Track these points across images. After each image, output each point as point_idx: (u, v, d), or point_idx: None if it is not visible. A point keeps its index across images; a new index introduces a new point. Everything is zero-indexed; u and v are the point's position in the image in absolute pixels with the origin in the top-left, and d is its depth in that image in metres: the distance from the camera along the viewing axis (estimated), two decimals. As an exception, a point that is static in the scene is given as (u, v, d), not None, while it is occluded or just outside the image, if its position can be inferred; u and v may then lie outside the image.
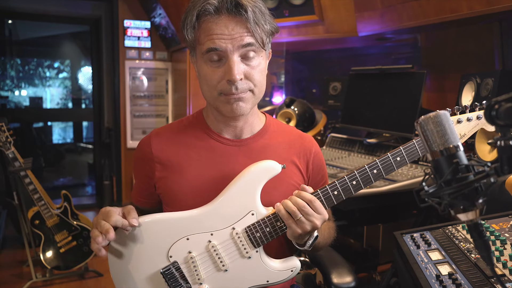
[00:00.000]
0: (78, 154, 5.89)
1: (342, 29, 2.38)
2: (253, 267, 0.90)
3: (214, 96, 0.95)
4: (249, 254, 0.90)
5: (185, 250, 0.89)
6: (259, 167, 0.92)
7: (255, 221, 0.91)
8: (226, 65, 0.91)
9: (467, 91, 1.77)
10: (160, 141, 1.04)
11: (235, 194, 0.91)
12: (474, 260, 0.87)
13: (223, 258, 0.90)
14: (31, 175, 2.48)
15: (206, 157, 1.01)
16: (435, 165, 0.70)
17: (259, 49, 0.94)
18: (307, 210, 0.88)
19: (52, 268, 2.52)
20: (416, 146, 0.95)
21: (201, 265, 0.90)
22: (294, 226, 0.89)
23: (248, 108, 0.96)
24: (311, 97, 3.22)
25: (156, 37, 3.92)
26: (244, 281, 0.91)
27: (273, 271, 0.92)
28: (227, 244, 0.90)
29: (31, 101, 5.65)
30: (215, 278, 0.90)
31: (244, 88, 0.93)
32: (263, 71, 0.97)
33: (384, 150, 2.07)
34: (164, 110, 4.04)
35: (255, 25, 0.91)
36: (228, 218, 0.90)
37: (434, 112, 0.69)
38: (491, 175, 0.62)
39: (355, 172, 0.93)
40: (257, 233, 0.90)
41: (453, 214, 0.67)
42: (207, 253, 0.90)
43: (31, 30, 5.18)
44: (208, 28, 0.91)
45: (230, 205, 0.90)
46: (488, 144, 1.46)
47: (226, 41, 0.90)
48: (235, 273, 0.90)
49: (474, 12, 1.64)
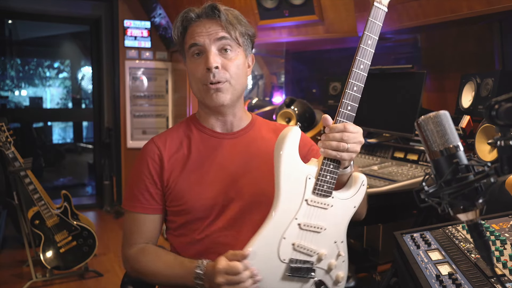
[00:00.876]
0: (78, 154, 5.91)
1: (342, 29, 2.38)
2: (339, 208, 0.98)
3: (200, 88, 1.06)
4: (330, 204, 0.97)
5: (289, 246, 0.95)
6: (285, 140, 0.95)
7: (315, 181, 0.96)
8: (204, 56, 1.05)
9: (467, 91, 1.77)
10: (163, 141, 1.11)
11: (286, 173, 0.94)
12: (474, 260, 0.87)
13: (317, 224, 0.97)
14: (31, 175, 2.48)
15: (204, 151, 1.10)
16: (435, 165, 0.70)
17: (234, 44, 1.06)
18: (348, 136, 0.93)
19: (52, 268, 2.51)
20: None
21: (308, 243, 0.96)
22: (346, 155, 0.94)
23: (227, 98, 1.05)
24: (311, 97, 3.20)
25: (156, 37, 3.93)
26: (342, 223, 1.00)
27: (353, 198, 1.00)
28: (311, 213, 0.96)
29: (31, 101, 5.67)
30: (323, 239, 0.98)
31: (221, 77, 1.03)
32: (241, 66, 1.07)
33: (384, 150, 2.06)
34: (164, 110, 4.05)
35: (228, 23, 1.05)
36: (296, 196, 0.95)
37: (434, 112, 0.69)
38: (491, 175, 0.62)
39: (350, 81, 0.97)
40: (324, 187, 0.96)
41: (453, 214, 0.67)
42: (304, 232, 0.96)
43: (31, 30, 5.20)
44: (191, 30, 1.07)
45: (290, 185, 0.94)
46: (488, 144, 1.45)
47: (204, 37, 1.04)
48: (331, 224, 0.98)
49: (474, 12, 1.64)
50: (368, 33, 0.96)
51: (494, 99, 0.63)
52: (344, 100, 0.96)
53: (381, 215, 1.90)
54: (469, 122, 1.61)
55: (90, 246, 2.60)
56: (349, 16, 2.32)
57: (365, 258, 2.18)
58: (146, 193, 1.08)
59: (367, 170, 1.88)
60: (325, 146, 0.94)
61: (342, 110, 0.96)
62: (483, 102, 1.65)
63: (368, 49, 0.97)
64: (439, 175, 0.69)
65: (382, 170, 1.85)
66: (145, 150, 1.11)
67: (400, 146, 1.99)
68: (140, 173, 1.09)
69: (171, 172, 1.07)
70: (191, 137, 1.12)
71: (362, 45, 0.96)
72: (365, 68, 0.97)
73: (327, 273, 0.99)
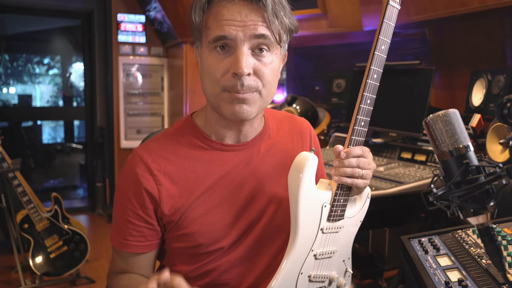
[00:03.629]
0: (69, 155, 5.93)
1: (347, 23, 2.35)
2: (348, 227, 0.97)
3: (216, 93, 0.84)
4: (342, 226, 0.95)
5: (305, 279, 0.92)
6: (299, 170, 0.87)
7: (330, 208, 0.91)
8: (233, 56, 0.81)
9: (477, 88, 1.74)
10: (155, 156, 0.89)
11: (302, 207, 0.88)
12: (485, 266, 0.86)
13: (330, 250, 0.95)
14: (19, 177, 2.47)
15: (214, 171, 0.91)
16: (444, 166, 0.69)
17: (273, 44, 0.84)
18: (364, 162, 0.88)
19: (42, 274, 2.49)
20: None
21: (322, 271, 0.95)
22: (361, 182, 0.89)
23: (254, 112, 0.86)
24: (314, 94, 3.21)
25: (151, 31, 3.91)
26: (350, 240, 1.00)
27: (360, 213, 0.98)
28: (325, 241, 0.93)
29: (20, 99, 5.66)
30: (334, 262, 0.97)
31: (251, 85, 0.83)
32: (276, 72, 0.88)
33: (391, 150, 2.04)
34: (159, 109, 4.03)
35: (273, 15, 0.81)
36: (313, 226, 0.91)
37: (443, 110, 0.68)
38: (503, 177, 0.62)
39: (364, 94, 0.89)
40: (338, 211, 0.92)
41: (463, 218, 0.68)
42: (319, 261, 0.93)
43: (19, 24, 5.16)
44: (219, 12, 0.82)
45: (306, 219, 0.89)
46: (499, 144, 1.43)
47: (237, 28, 0.80)
48: (342, 245, 0.98)
49: (485, 6, 1.61)
50: (383, 38, 0.86)
51: (506, 97, 0.63)
52: (358, 117, 0.87)
53: (388, 218, 1.88)
54: (479, 121, 1.57)
55: (82, 251, 2.59)
56: (354, 10, 2.28)
57: (371, 263, 2.18)
58: (134, 231, 0.88)
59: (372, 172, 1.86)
60: (340, 173, 0.87)
61: (357, 128, 0.88)
62: (494, 100, 1.62)
63: (382, 55, 0.87)
64: (449, 177, 0.68)
65: (388, 171, 1.83)
66: (126, 172, 0.89)
67: (407, 146, 1.98)
68: (126, 204, 0.88)
69: (170, 195, 0.88)
70: (194, 152, 0.91)
71: (377, 52, 0.86)
72: (378, 77, 0.88)
73: None
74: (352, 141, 0.88)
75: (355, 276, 2.08)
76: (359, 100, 0.87)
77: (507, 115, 0.64)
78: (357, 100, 0.88)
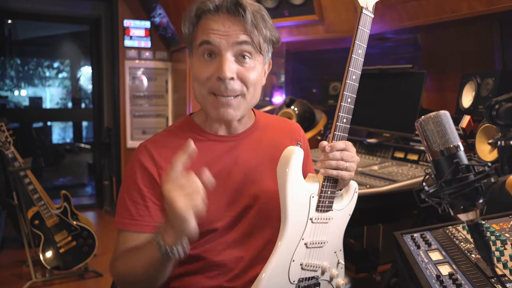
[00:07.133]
0: (78, 154, 5.90)
1: (342, 29, 2.37)
2: (338, 219, 0.99)
3: (204, 95, 0.93)
4: (331, 217, 0.97)
5: (297, 267, 0.94)
6: (287, 162, 0.92)
7: (318, 199, 0.95)
8: (218, 61, 0.90)
9: (467, 91, 1.76)
10: (158, 147, 0.97)
11: (291, 197, 0.92)
12: (475, 260, 0.87)
13: (321, 239, 0.97)
14: (30, 175, 2.48)
15: (209, 157, 0.98)
16: (436, 165, 0.70)
17: (255, 51, 0.92)
18: (347, 154, 0.92)
19: (52, 268, 2.51)
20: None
21: (314, 260, 0.96)
22: (346, 174, 0.93)
23: (238, 115, 0.94)
24: (311, 97, 3.21)
25: (156, 37, 3.92)
26: (340, 232, 1.02)
27: (348, 206, 1.01)
28: (315, 231, 0.96)
29: (30, 101, 5.65)
30: (325, 252, 0.99)
31: (235, 89, 0.91)
32: (259, 77, 0.95)
33: (384, 150, 2.05)
34: (164, 110, 4.04)
35: (253, 27, 0.90)
36: (302, 216, 0.94)
37: (435, 112, 0.69)
38: (491, 175, 0.62)
39: (344, 93, 0.92)
40: (326, 203, 0.95)
41: (453, 214, 0.67)
42: (310, 250, 0.96)
43: (30, 30, 5.19)
44: (206, 24, 0.91)
45: (296, 208, 0.93)
46: (488, 144, 1.45)
47: (221, 37, 0.89)
48: (332, 236, 0.99)
49: (474, 12, 1.63)
50: (359, 42, 0.92)
51: (494, 99, 0.65)
52: (340, 114, 0.92)
53: (381, 215, 1.90)
54: (469, 122, 1.60)
55: (90, 246, 2.59)
56: (349, 16, 2.32)
57: (365, 258, 2.17)
58: (142, 211, 0.93)
59: (367, 170, 1.87)
60: (325, 166, 0.92)
61: (339, 124, 0.93)
62: (483, 102, 1.64)
63: (359, 58, 0.93)
64: (440, 175, 0.69)
65: (382, 170, 1.85)
66: (135, 158, 0.95)
67: (400, 146, 1.99)
68: (132, 187, 0.94)
69: None
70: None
71: (354, 55, 0.91)
72: (357, 78, 0.93)
73: (329, 282, 1.00)
74: (335, 136, 0.93)
75: (351, 270, 2.08)
76: (340, 99, 0.92)
77: (496, 117, 0.65)
78: (339, 99, 0.93)
